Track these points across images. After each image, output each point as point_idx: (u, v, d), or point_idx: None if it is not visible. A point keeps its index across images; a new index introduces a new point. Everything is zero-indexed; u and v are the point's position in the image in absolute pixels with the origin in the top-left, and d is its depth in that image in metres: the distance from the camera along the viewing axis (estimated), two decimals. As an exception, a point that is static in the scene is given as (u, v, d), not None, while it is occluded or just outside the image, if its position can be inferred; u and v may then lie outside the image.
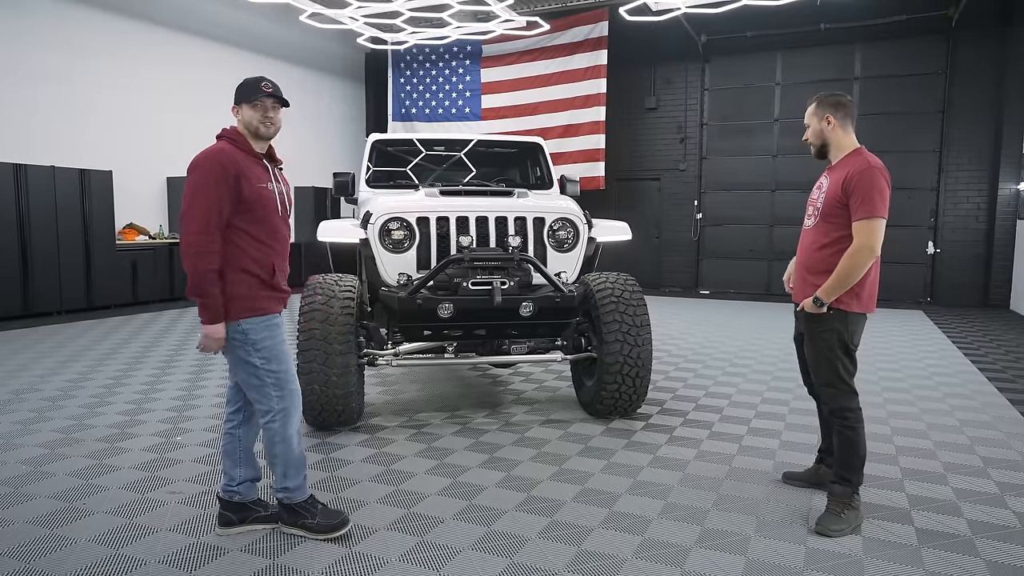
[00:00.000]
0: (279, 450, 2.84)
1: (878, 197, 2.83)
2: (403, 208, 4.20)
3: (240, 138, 2.82)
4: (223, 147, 2.73)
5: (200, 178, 2.65)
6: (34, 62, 9.30)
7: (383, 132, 14.93)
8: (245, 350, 2.75)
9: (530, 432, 4.43)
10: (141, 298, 10.27)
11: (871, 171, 2.86)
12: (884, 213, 2.83)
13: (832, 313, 2.95)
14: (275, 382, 2.80)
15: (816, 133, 3.10)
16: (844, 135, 3.04)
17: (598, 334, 4.52)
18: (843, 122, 3.03)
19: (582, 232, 4.41)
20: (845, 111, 3.04)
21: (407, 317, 4.00)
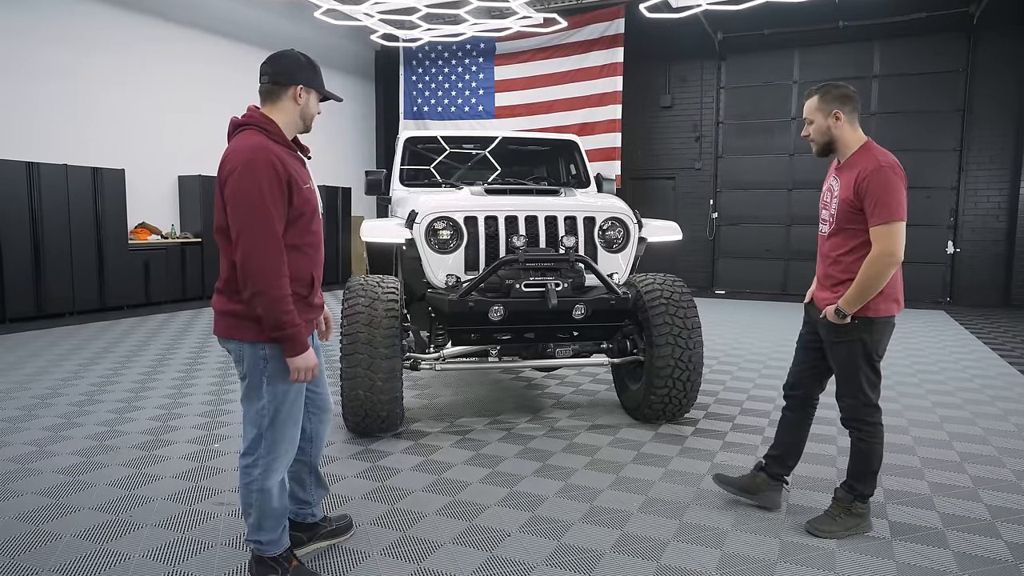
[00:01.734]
0: (255, 499, 2.38)
1: (894, 198, 2.61)
2: (450, 207, 4.06)
3: (274, 128, 2.31)
4: (264, 142, 2.23)
5: (254, 184, 2.14)
6: (41, 58, 9.13)
7: (394, 131, 14.86)
8: (260, 378, 2.31)
9: (578, 438, 4.29)
10: (154, 298, 10.11)
11: (882, 171, 2.64)
12: (902, 215, 2.60)
13: (856, 322, 2.77)
14: (270, 428, 2.34)
15: (822, 130, 2.83)
16: (853, 131, 2.79)
17: (647, 337, 4.38)
18: (851, 117, 2.79)
19: (632, 232, 4.27)
20: (853, 105, 2.79)
21: (457, 320, 3.86)
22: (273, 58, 2.37)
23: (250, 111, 2.34)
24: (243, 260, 2.15)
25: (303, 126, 2.43)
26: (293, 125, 2.38)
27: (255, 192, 2.14)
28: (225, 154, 2.25)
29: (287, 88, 2.34)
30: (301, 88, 2.35)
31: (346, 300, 4.03)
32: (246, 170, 2.16)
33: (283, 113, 2.35)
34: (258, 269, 2.14)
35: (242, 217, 2.15)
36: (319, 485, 2.80)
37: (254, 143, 2.21)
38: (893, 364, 6.47)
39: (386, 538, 2.93)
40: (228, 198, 2.18)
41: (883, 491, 3.42)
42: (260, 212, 2.15)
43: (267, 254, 2.15)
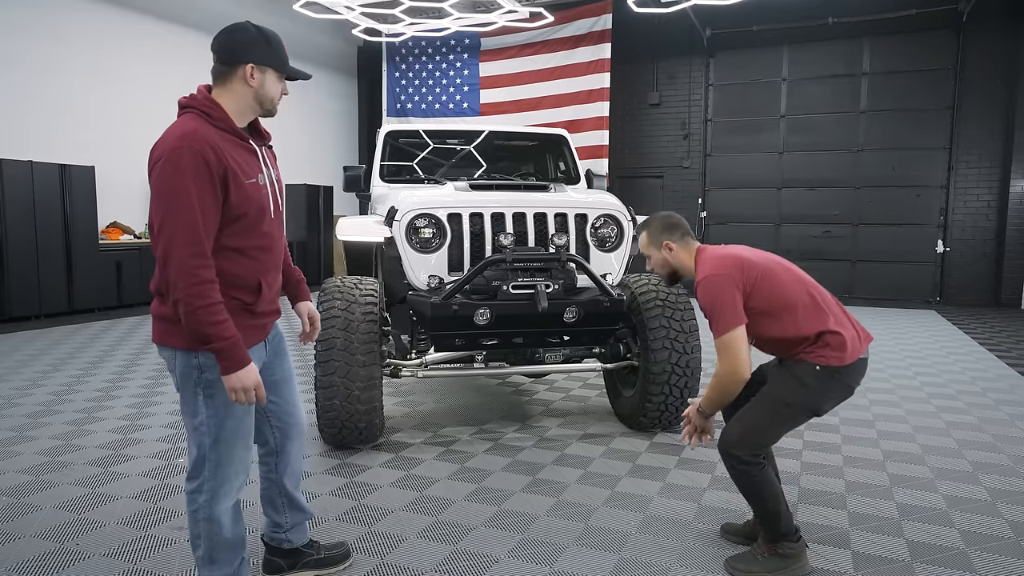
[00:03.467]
0: (203, 529, 2.08)
1: (721, 308, 2.48)
2: (432, 203, 3.79)
3: (219, 113, 2.00)
4: (197, 129, 1.92)
5: (178, 176, 1.84)
6: (5, 48, 8.73)
7: (377, 128, 14.53)
8: (194, 390, 2.01)
9: (570, 449, 4.04)
10: (126, 301, 9.73)
11: (702, 284, 2.55)
12: (734, 321, 2.46)
13: (818, 369, 2.50)
14: (213, 447, 2.04)
15: (661, 263, 2.80)
16: (687, 253, 2.72)
17: (642, 341, 4.14)
18: (682, 241, 2.73)
19: (627, 230, 4.03)
20: (680, 228, 2.75)
21: (440, 324, 3.59)
22: (221, 34, 2.06)
23: (196, 92, 2.05)
24: (162, 262, 1.86)
25: (261, 110, 2.11)
26: (247, 109, 2.08)
27: (178, 185, 1.84)
28: (162, 138, 1.95)
29: (236, 67, 2.03)
30: (253, 67, 2.03)
31: (321, 303, 3.75)
32: (171, 160, 1.85)
33: (233, 96, 2.04)
34: (177, 273, 1.84)
35: (162, 214, 1.85)
36: (293, 507, 2.49)
37: (187, 129, 1.91)
38: (892, 366, 6.28)
39: (363, 566, 2.65)
40: (152, 193, 1.90)
41: (897, 506, 3.21)
42: (181, 209, 1.83)
43: (186, 257, 1.84)
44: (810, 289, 2.57)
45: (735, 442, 2.55)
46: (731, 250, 2.64)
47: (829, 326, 2.50)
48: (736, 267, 2.53)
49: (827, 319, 2.51)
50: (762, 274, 2.54)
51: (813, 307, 2.53)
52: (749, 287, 2.52)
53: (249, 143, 2.07)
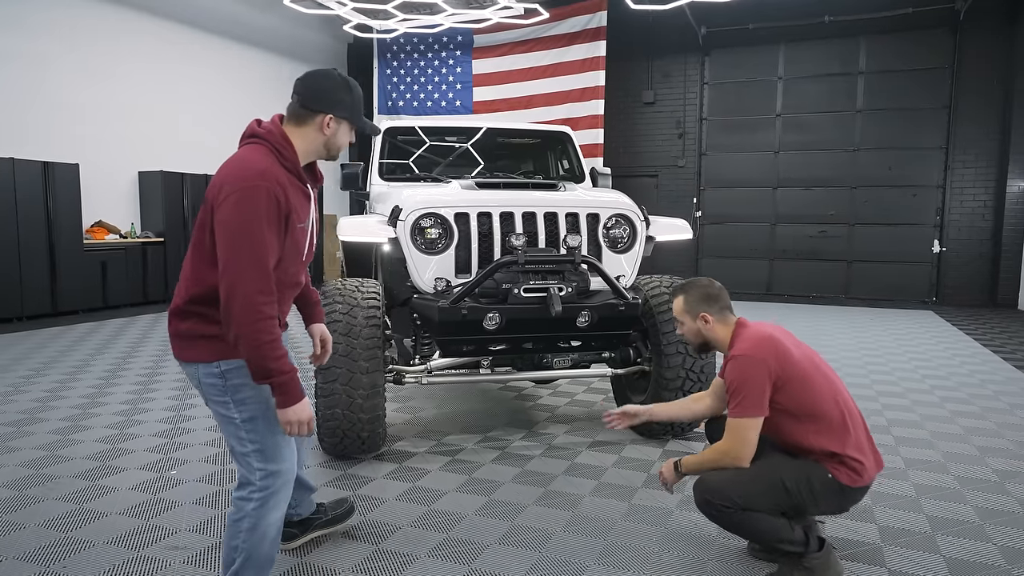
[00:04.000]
0: (243, 541, 2.06)
1: (747, 391, 2.36)
2: (438, 202, 3.62)
3: (290, 151, 2.04)
4: (271, 168, 1.96)
5: (252, 214, 1.88)
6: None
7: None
8: (223, 400, 2.04)
9: (580, 458, 3.89)
10: (112, 302, 9.47)
11: (735, 360, 2.43)
12: (755, 411, 2.35)
13: (829, 478, 2.39)
14: (257, 451, 2.06)
15: (693, 332, 2.67)
16: (724, 327, 2.59)
17: (654, 345, 4.00)
18: (720, 315, 2.60)
19: (639, 230, 3.88)
20: (719, 302, 2.60)
21: (448, 329, 3.43)
22: (308, 77, 2.12)
23: (272, 124, 2.08)
24: (227, 297, 1.87)
25: (327, 156, 2.17)
26: (314, 153, 2.13)
27: (252, 223, 1.88)
28: (226, 167, 1.99)
29: (316, 115, 2.08)
30: (331, 118, 2.09)
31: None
32: (247, 197, 1.89)
33: (304, 139, 2.09)
34: (242, 308, 1.86)
35: (232, 249, 1.87)
36: (301, 486, 2.64)
37: (263, 167, 1.95)
38: (898, 369, 6.19)
39: (371, 590, 2.49)
40: (219, 223, 1.90)
41: (928, 519, 3.08)
42: (253, 246, 1.87)
43: (253, 293, 1.87)
44: (842, 405, 2.44)
45: (713, 491, 2.43)
46: (774, 335, 2.48)
47: (848, 451, 2.38)
48: (774, 356, 2.40)
49: (849, 442, 2.39)
50: (799, 375, 2.41)
51: (840, 426, 2.40)
52: (781, 383, 2.39)
53: (306, 187, 2.12)
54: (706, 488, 2.45)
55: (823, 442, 2.39)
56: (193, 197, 10.62)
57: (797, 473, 2.40)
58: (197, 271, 1.99)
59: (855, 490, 2.42)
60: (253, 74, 12.25)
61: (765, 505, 2.39)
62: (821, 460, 2.40)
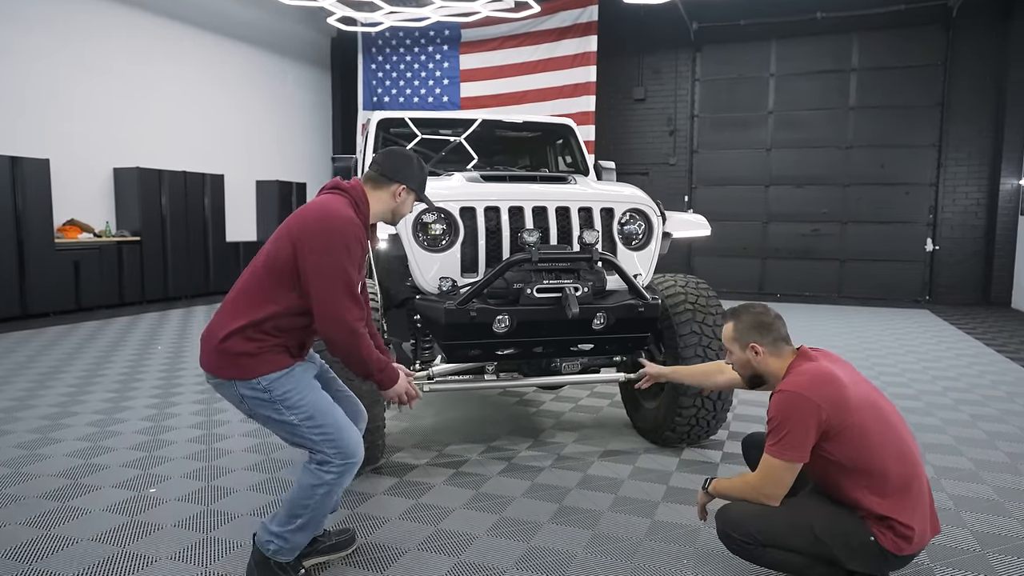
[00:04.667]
0: (316, 502, 2.31)
1: (789, 431, 2.11)
2: (442, 196, 3.35)
3: (366, 210, 2.39)
4: (355, 217, 2.31)
5: (344, 251, 2.21)
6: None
7: (352, 122, 13.96)
8: (274, 408, 2.26)
9: (593, 469, 3.64)
10: (85, 304, 9.06)
11: (785, 395, 2.16)
12: (794, 455, 2.10)
13: (871, 540, 2.11)
14: (325, 439, 2.28)
15: (743, 363, 2.42)
16: (777, 360, 2.33)
17: (670, 349, 3.76)
18: (774, 347, 2.33)
19: (656, 226, 3.63)
20: (771, 332, 2.33)
21: (455, 332, 3.16)
22: (390, 153, 2.51)
23: (356, 182, 2.42)
24: (331, 327, 2.22)
25: (391, 220, 2.53)
26: (380, 215, 2.47)
27: (346, 262, 2.21)
28: (313, 211, 2.28)
29: (391, 184, 2.44)
30: (403, 188, 2.45)
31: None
32: (340, 241, 2.21)
33: (377, 201, 2.44)
34: (345, 336, 2.23)
35: (330, 284, 2.20)
36: None
37: (349, 214, 2.28)
38: (908, 370, 6.02)
39: (379, 627, 2.22)
40: (314, 263, 2.19)
41: (973, 534, 2.87)
42: (348, 282, 2.22)
43: (353, 321, 2.22)
44: (906, 462, 2.12)
45: (734, 524, 2.21)
46: (834, 374, 2.17)
47: (902, 516, 2.08)
48: (829, 401, 2.10)
49: (905, 505, 2.09)
50: (856, 426, 2.11)
51: (898, 487, 2.10)
52: (834, 431, 2.11)
53: (367, 237, 2.39)
54: (727, 520, 2.23)
55: (873, 502, 2.10)
56: (171, 194, 10.23)
57: (833, 525, 2.14)
58: (267, 296, 2.23)
59: (900, 557, 2.12)
60: (234, 68, 11.87)
61: (789, 547, 2.15)
62: (867, 518, 2.12)
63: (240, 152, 12.07)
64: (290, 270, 2.22)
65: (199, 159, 11.10)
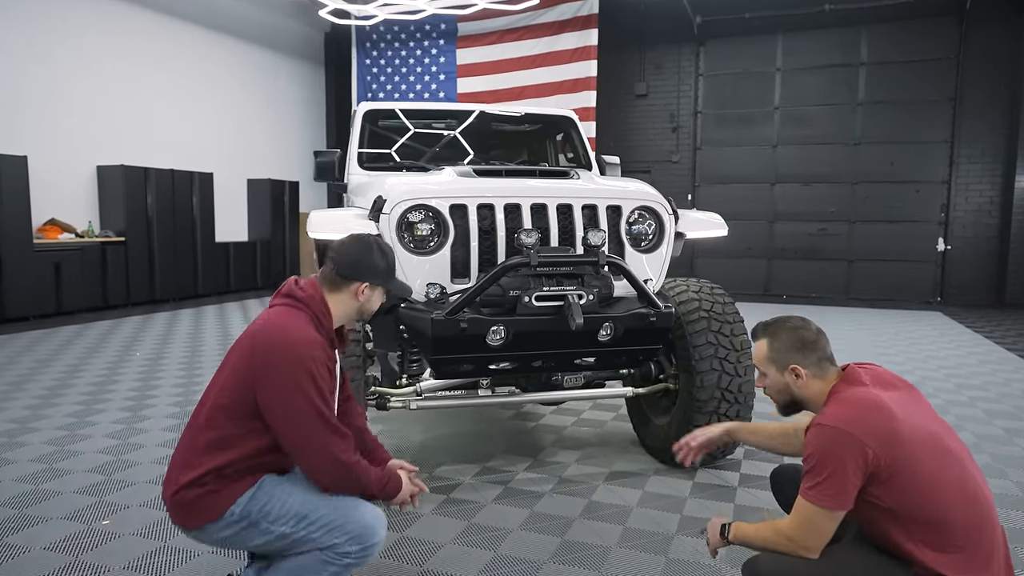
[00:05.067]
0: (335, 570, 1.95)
1: (828, 473, 1.75)
2: (430, 192, 3.00)
3: (328, 322, 2.03)
4: (315, 338, 1.95)
5: (310, 383, 1.87)
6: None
7: (346, 119, 13.60)
8: (260, 529, 1.92)
9: (598, 494, 3.29)
10: (66, 307, 8.70)
11: (824, 431, 1.80)
12: (834, 503, 1.74)
13: None
14: (331, 530, 1.93)
15: (779, 388, 2.03)
16: (822, 383, 1.95)
17: (682, 360, 3.42)
18: (818, 368, 1.96)
19: (668, 225, 3.29)
20: (816, 350, 1.97)
21: (443, 346, 2.81)
22: (344, 245, 2.12)
23: (312, 288, 2.05)
24: (314, 469, 1.94)
25: (358, 318, 2.21)
26: (345, 317, 2.14)
27: (312, 395, 1.87)
28: (269, 334, 1.93)
29: (350, 282, 2.08)
30: (365, 286, 2.10)
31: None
32: (304, 372, 1.87)
33: (339, 304, 2.09)
34: (333, 474, 1.93)
35: (302, 424, 1.87)
36: None
37: (309, 336, 1.94)
38: (929, 378, 5.67)
39: None
40: (276, 400, 1.88)
41: None
42: (321, 416, 1.88)
43: (338, 454, 1.92)
44: (977, 512, 1.75)
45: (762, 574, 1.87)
46: (884, 405, 1.79)
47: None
48: (878, 437, 1.74)
49: (971, 565, 1.71)
50: (911, 467, 1.73)
51: (966, 542, 1.72)
52: (884, 473, 1.74)
53: (335, 353, 2.09)
54: (754, 569, 1.88)
55: (931, 557, 1.73)
56: (158, 193, 9.88)
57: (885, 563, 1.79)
58: (228, 441, 1.89)
59: None
60: (224, 63, 11.51)
61: None
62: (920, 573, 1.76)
63: (230, 150, 11.72)
64: (251, 412, 1.89)
65: (187, 157, 10.74)
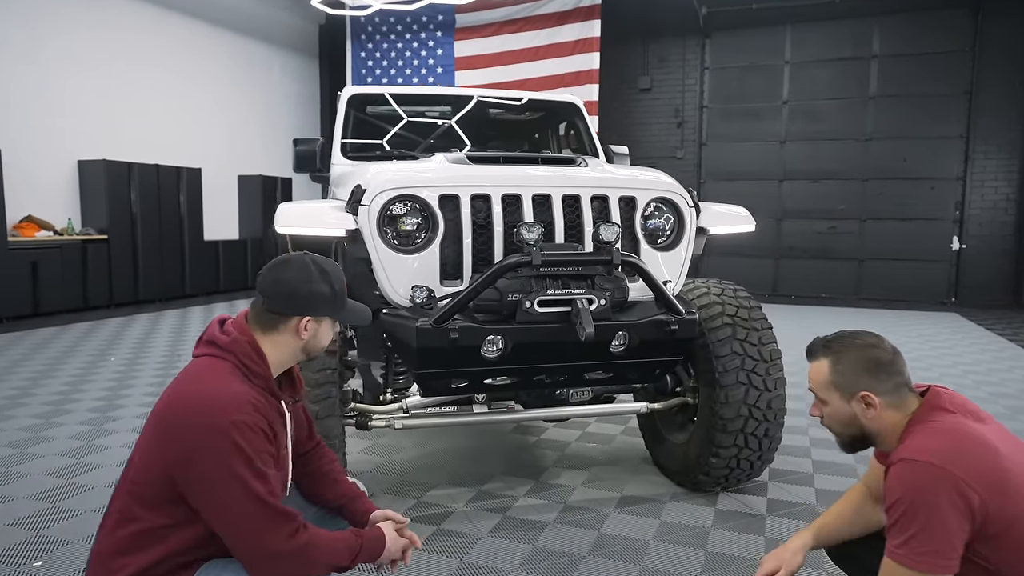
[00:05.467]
0: None
1: (922, 525, 1.39)
2: (417, 181, 2.61)
3: (263, 369, 1.61)
4: (243, 391, 1.53)
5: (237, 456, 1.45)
6: None
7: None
8: None
9: (608, 525, 2.90)
10: (44, 308, 8.29)
11: (909, 468, 1.44)
12: (933, 565, 1.37)
13: None
14: None
15: (843, 419, 1.63)
16: (898, 414, 1.57)
17: (703, 373, 3.03)
18: (895, 395, 1.57)
19: (688, 220, 2.90)
20: (892, 373, 1.58)
21: (430, 359, 2.43)
22: (274, 273, 1.66)
23: (237, 330, 1.62)
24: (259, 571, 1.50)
25: (306, 358, 1.75)
26: (289, 360, 1.71)
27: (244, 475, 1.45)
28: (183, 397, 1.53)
29: (289, 319, 1.65)
30: (308, 320, 1.66)
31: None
32: (231, 449, 1.45)
33: (277, 347, 1.66)
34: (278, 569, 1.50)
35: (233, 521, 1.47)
36: None
37: (233, 396, 1.51)
38: (960, 386, 5.28)
39: None
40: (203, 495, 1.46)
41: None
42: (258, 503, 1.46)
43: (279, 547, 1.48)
44: None
45: None
46: (986, 439, 1.47)
47: None
48: (982, 477, 1.39)
49: None
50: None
51: None
52: (993, 526, 1.38)
53: (280, 404, 1.68)
54: None
55: None
56: (142, 189, 9.49)
57: None
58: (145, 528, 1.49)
59: None
60: (214, 56, 11.12)
61: None
62: None
63: (220, 145, 11.32)
64: (176, 497, 1.49)
65: (174, 152, 10.34)
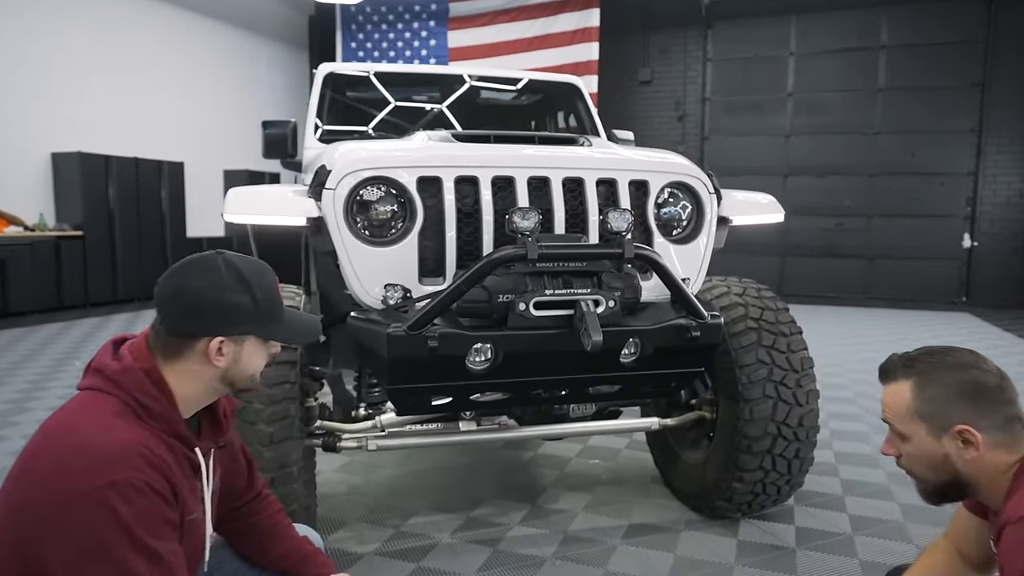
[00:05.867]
0: None
1: None
2: (391, 160, 2.21)
3: (163, 407, 1.22)
4: (131, 438, 1.14)
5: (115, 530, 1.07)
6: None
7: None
8: None
9: (616, 561, 2.51)
10: (13, 308, 7.87)
11: None
12: None
13: None
14: None
15: (931, 460, 1.29)
16: (1005, 454, 1.23)
17: (724, 384, 2.64)
18: (1004, 432, 1.23)
19: (708, 208, 2.51)
20: (1001, 405, 1.24)
21: (406, 372, 2.03)
22: (174, 280, 1.26)
23: (132, 356, 1.24)
24: None
25: (232, 390, 1.33)
26: (205, 395, 1.29)
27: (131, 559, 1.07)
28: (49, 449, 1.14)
29: (196, 340, 1.24)
30: (220, 341, 1.24)
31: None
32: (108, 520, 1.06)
33: (185, 377, 1.25)
34: None
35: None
36: None
37: (111, 448, 1.11)
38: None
39: None
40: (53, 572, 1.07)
41: None
42: None
43: None
44: None
45: None
46: None
47: None
48: None
49: None
50: None
51: None
52: None
53: (194, 453, 1.27)
54: None
55: None
56: (120, 183, 9.09)
57: None
58: None
59: None
60: (198, 46, 10.71)
61: None
62: None
63: (205, 138, 10.90)
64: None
65: (155, 145, 9.92)
